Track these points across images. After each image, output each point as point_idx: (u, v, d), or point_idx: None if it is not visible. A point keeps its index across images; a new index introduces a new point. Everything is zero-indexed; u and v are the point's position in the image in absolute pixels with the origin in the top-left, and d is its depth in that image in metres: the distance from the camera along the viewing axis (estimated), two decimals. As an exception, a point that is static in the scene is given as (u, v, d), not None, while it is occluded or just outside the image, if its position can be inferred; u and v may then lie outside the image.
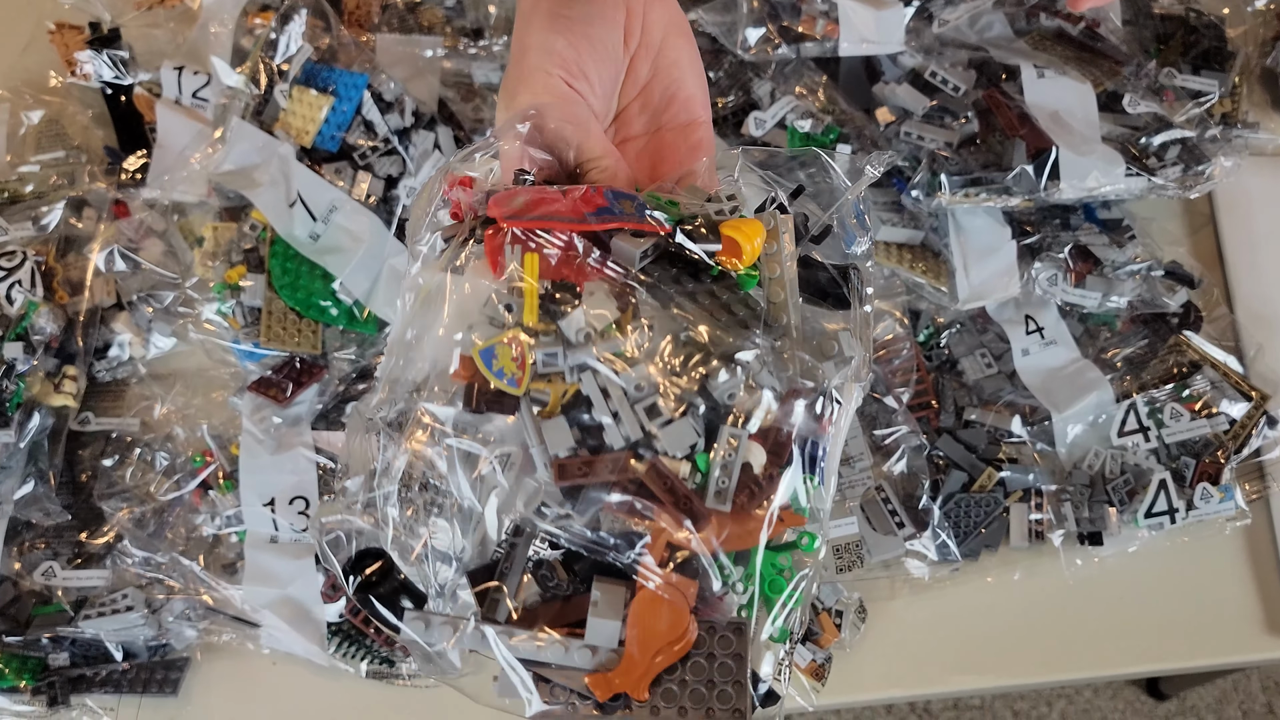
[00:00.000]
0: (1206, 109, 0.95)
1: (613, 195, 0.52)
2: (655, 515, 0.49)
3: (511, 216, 0.50)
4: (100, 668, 0.82)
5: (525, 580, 0.53)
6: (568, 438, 0.49)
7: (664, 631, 0.50)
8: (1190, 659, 0.85)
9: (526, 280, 0.50)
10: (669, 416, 0.49)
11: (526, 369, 0.49)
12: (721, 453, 0.50)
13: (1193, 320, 0.92)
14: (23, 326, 0.86)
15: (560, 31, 0.58)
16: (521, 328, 0.50)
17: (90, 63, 0.97)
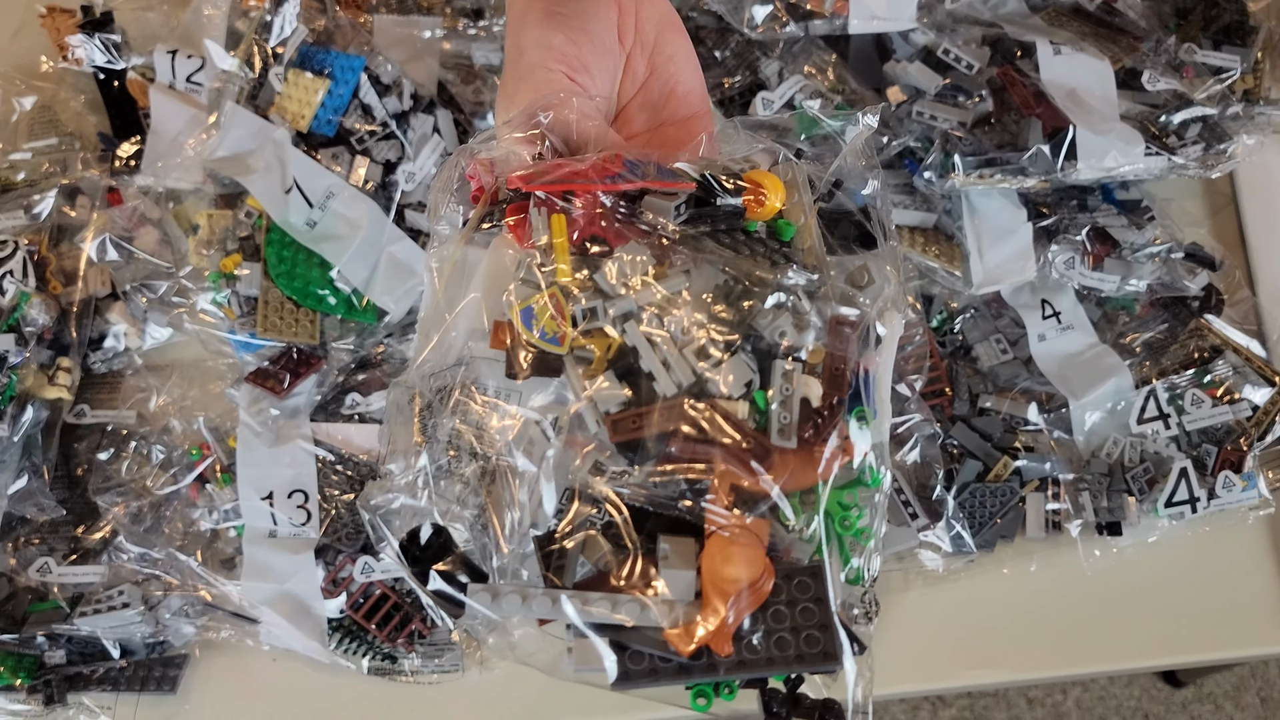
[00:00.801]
0: (1228, 85, 0.93)
1: (631, 161, 0.51)
2: (717, 461, 0.47)
3: (535, 180, 0.49)
4: (97, 665, 0.81)
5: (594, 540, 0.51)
6: (618, 392, 0.48)
7: (741, 576, 0.48)
8: (1212, 652, 0.83)
9: (556, 238, 0.49)
10: (720, 358, 0.48)
11: (568, 325, 0.48)
12: (779, 388, 0.48)
13: (1214, 303, 0.89)
14: (15, 318, 0.84)
15: (557, 28, 0.57)
16: (558, 286, 0.48)
17: (82, 47, 0.96)
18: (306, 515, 0.82)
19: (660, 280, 0.49)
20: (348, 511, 0.83)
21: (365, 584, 0.81)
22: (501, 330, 0.50)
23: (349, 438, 0.86)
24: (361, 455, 0.85)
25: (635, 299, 0.48)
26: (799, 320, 0.49)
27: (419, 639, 0.82)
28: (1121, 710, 1.67)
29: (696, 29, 0.95)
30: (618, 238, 0.50)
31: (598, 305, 0.49)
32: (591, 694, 0.81)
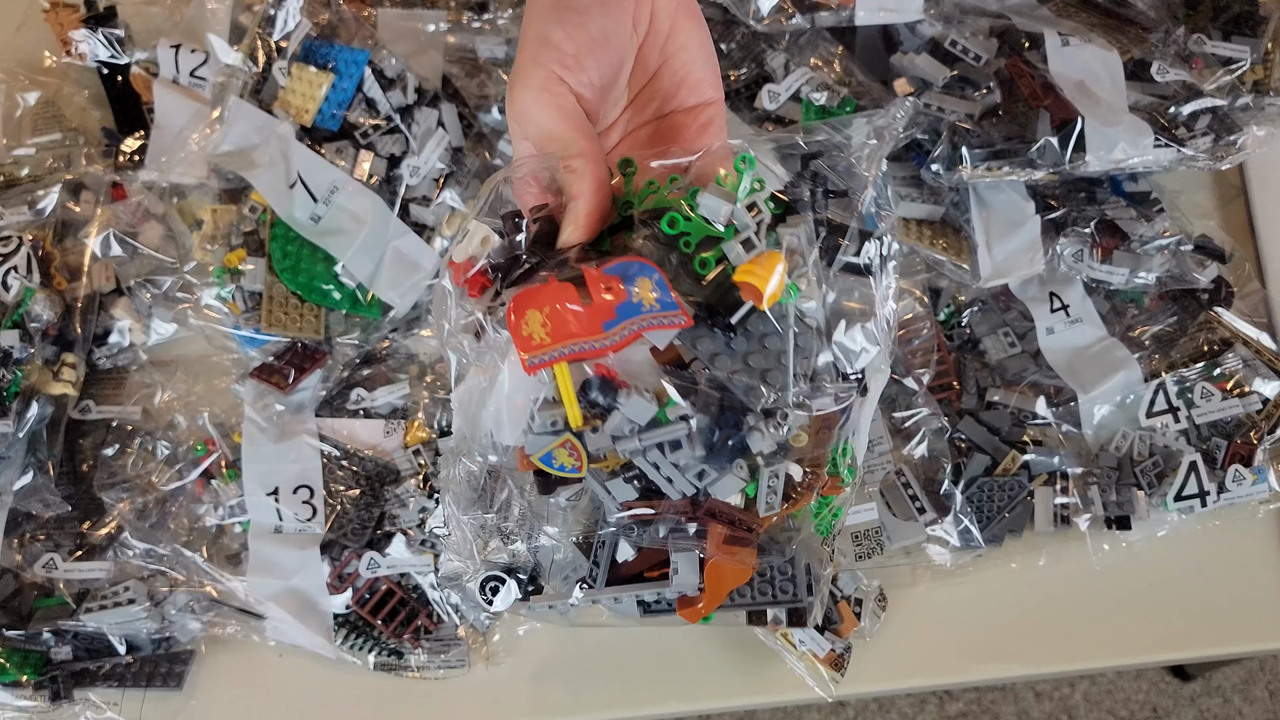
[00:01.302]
0: (1238, 76, 0.92)
1: (630, 271, 0.52)
2: (714, 530, 0.58)
3: (532, 361, 0.52)
4: (103, 661, 0.81)
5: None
6: (630, 490, 0.57)
7: (733, 580, 0.62)
8: (1221, 646, 0.83)
9: (564, 390, 0.53)
10: (715, 476, 0.55)
11: (584, 460, 0.55)
12: (765, 484, 0.56)
13: (1224, 296, 0.89)
14: (19, 314, 0.84)
15: (559, 22, 0.57)
16: (570, 431, 0.54)
17: (85, 42, 0.95)
18: (312, 511, 0.82)
19: (661, 428, 0.54)
20: (353, 507, 0.82)
21: (371, 580, 0.81)
22: (524, 461, 0.57)
23: (354, 433, 0.86)
24: (366, 450, 0.85)
25: (639, 442, 0.54)
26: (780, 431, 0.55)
27: (425, 635, 0.82)
28: (1130, 704, 1.66)
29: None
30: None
31: (604, 450, 0.55)
32: (596, 689, 0.81)
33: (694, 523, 0.58)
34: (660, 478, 0.55)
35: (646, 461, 0.54)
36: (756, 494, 0.57)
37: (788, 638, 0.79)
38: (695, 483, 0.55)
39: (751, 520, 0.58)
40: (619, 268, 0.52)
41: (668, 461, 0.54)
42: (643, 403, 0.53)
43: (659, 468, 0.55)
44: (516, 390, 0.55)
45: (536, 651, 0.82)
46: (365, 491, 0.83)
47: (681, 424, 0.53)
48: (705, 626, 0.79)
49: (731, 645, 0.82)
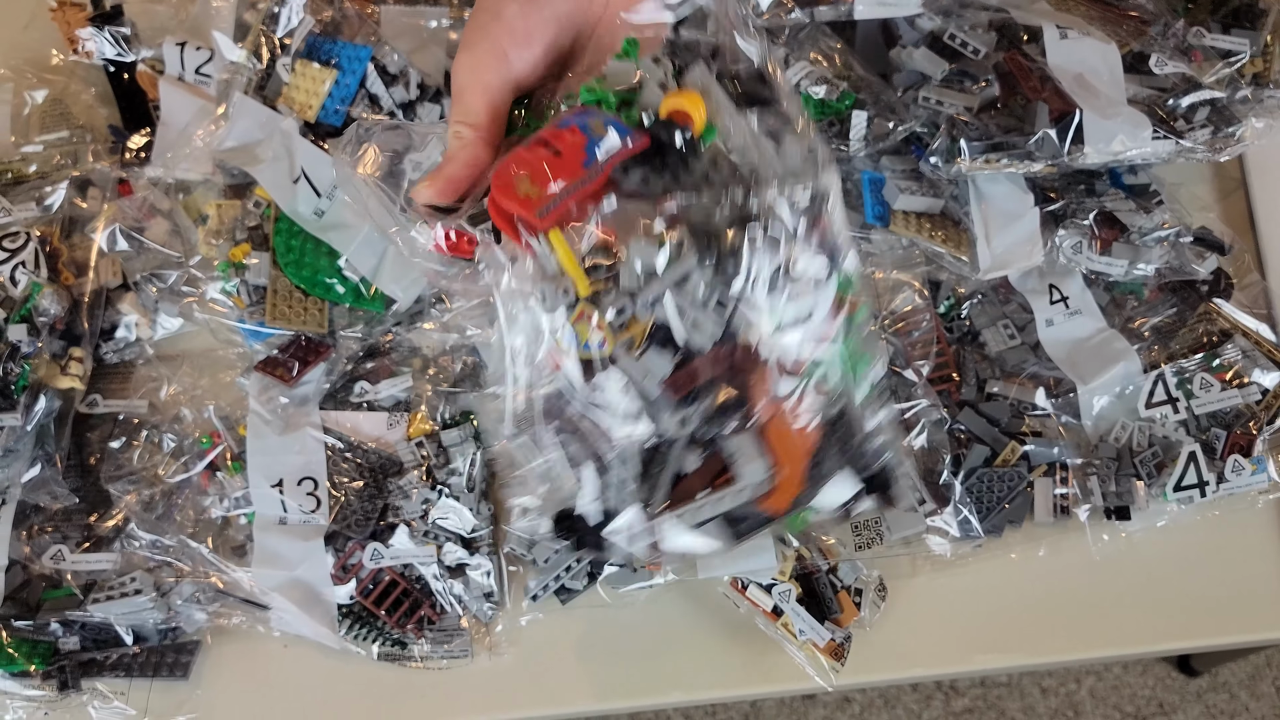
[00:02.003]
0: (1237, 69, 0.92)
1: (579, 119, 0.56)
2: (756, 379, 0.58)
3: (542, 212, 0.54)
4: (110, 651, 0.82)
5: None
6: (665, 362, 0.56)
7: (801, 438, 0.61)
8: (1221, 636, 0.83)
9: (565, 259, 0.54)
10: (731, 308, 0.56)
11: (608, 331, 0.55)
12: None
13: (1223, 287, 0.89)
14: (27, 308, 0.85)
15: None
16: (584, 300, 0.55)
17: (92, 40, 0.96)
18: (316, 502, 0.83)
19: (671, 266, 0.54)
20: (357, 499, 0.83)
21: (375, 570, 0.82)
22: (553, 355, 0.57)
23: (358, 426, 0.86)
24: (370, 443, 0.86)
25: (656, 288, 0.54)
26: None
27: (428, 625, 0.82)
28: (1136, 699, 1.67)
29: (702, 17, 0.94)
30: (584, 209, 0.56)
31: (626, 305, 0.55)
32: (598, 679, 0.82)
33: (737, 378, 0.58)
34: (686, 325, 0.55)
35: (672, 306, 0.55)
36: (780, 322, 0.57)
37: (788, 627, 0.80)
38: (718, 318, 0.55)
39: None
40: (569, 119, 0.56)
41: (687, 303, 0.55)
42: (646, 244, 0.54)
43: (683, 313, 0.55)
44: (519, 295, 0.57)
45: (539, 642, 0.83)
46: (369, 483, 0.84)
47: (688, 256, 0.54)
48: (704, 621, 0.80)
49: (732, 635, 0.82)
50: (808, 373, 0.59)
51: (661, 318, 0.55)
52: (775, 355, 0.58)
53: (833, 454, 0.62)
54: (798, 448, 0.61)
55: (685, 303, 0.55)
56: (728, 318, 0.56)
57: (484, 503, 0.84)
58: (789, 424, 0.60)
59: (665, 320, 0.55)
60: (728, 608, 0.82)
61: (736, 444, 0.60)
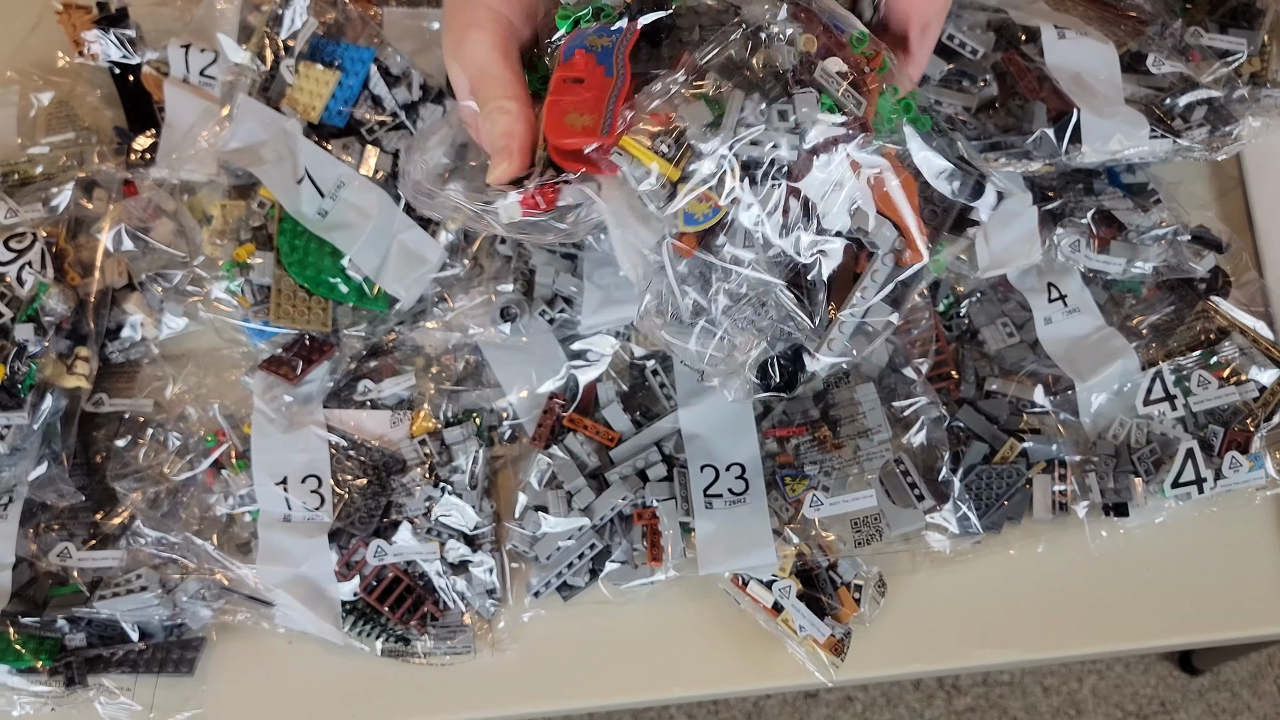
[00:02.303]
0: (1234, 69, 0.93)
1: (578, 43, 0.63)
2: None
3: (604, 130, 0.60)
4: (117, 648, 0.82)
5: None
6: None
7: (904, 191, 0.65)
8: (1219, 632, 0.83)
9: (642, 155, 0.60)
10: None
11: (710, 196, 0.61)
12: (833, 89, 0.63)
13: (1221, 285, 0.89)
14: (34, 308, 0.86)
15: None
16: (679, 182, 0.61)
17: (98, 42, 0.97)
18: (320, 500, 0.84)
19: (726, 108, 0.61)
20: (360, 496, 0.84)
21: (378, 567, 0.82)
22: (686, 240, 0.63)
23: (361, 424, 0.87)
24: (373, 441, 0.86)
25: (725, 135, 0.60)
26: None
27: (431, 621, 0.83)
28: (1138, 698, 1.67)
29: (702, 20, 0.95)
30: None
31: (711, 164, 0.61)
32: (599, 675, 0.82)
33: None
34: (767, 151, 0.61)
35: (747, 141, 0.60)
36: (833, 103, 0.62)
37: (788, 623, 0.80)
38: (790, 127, 0.61)
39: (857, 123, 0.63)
40: (570, 48, 0.62)
41: (760, 133, 0.61)
42: (691, 106, 0.60)
43: (759, 144, 0.60)
44: (621, 213, 0.63)
45: (541, 638, 0.83)
46: (372, 481, 0.85)
47: (731, 95, 0.61)
48: (705, 618, 0.81)
49: (733, 632, 0.83)
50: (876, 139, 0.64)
51: (746, 157, 0.61)
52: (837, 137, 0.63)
53: (929, 192, 0.67)
54: (902, 201, 0.65)
55: (758, 132, 0.60)
56: (795, 124, 0.61)
57: (486, 500, 0.85)
58: (883, 187, 0.64)
59: (753, 157, 0.61)
60: (728, 604, 0.83)
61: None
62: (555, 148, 0.62)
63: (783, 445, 0.85)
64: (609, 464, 0.84)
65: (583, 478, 0.82)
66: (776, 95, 0.62)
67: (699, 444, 0.84)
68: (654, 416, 0.86)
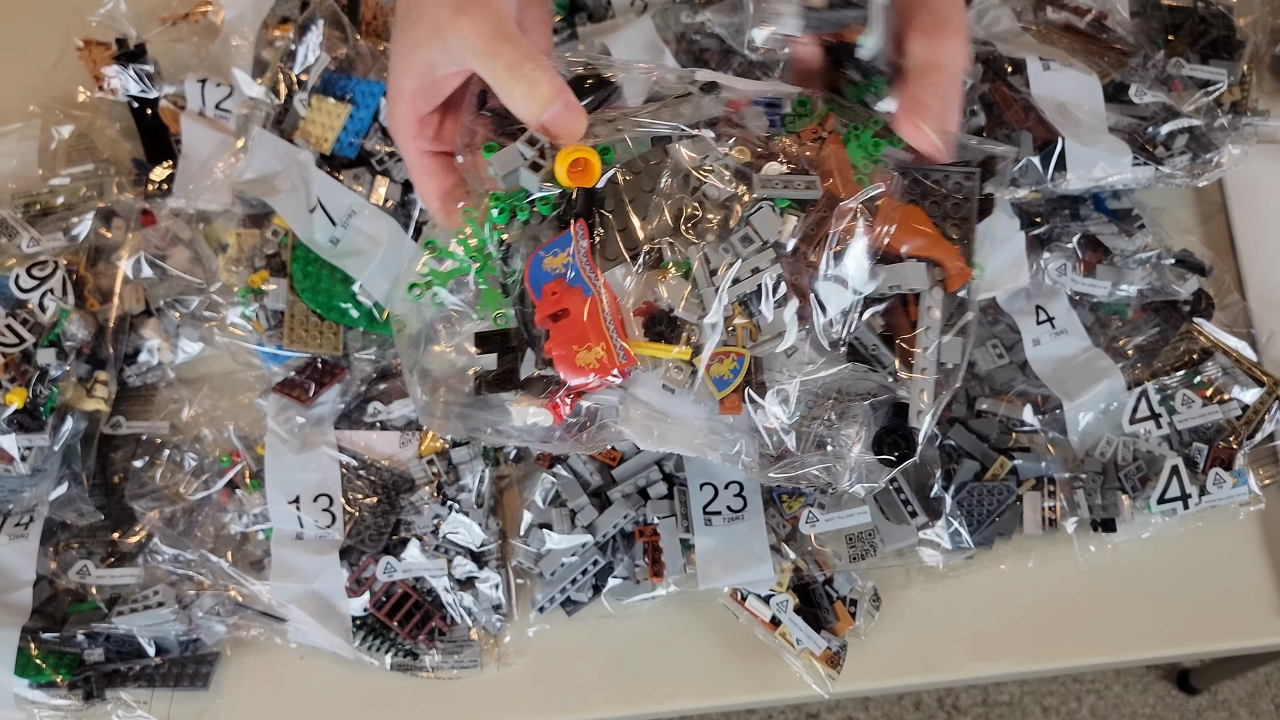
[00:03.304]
0: (1215, 98, 0.96)
1: (539, 274, 0.62)
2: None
3: (619, 357, 0.60)
4: (133, 663, 0.85)
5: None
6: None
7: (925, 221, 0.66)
8: (1206, 644, 0.85)
9: (660, 353, 0.61)
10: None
11: (730, 350, 0.61)
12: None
13: (1204, 307, 0.92)
14: (55, 333, 0.89)
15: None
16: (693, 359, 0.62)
17: (117, 77, 1.00)
18: (331, 518, 0.86)
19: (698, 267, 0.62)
20: (370, 514, 0.86)
21: (387, 583, 0.85)
22: (729, 404, 0.62)
23: (371, 444, 0.90)
24: (383, 460, 0.89)
25: (716, 292, 0.61)
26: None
27: (439, 636, 0.85)
28: (1136, 717, 1.68)
29: (701, 51, 0.98)
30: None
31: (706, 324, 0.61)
32: (602, 687, 0.84)
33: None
34: (751, 280, 0.61)
35: (729, 284, 0.61)
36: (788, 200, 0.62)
37: (786, 637, 0.82)
38: (758, 248, 0.61)
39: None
40: (537, 279, 0.62)
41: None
42: (673, 284, 0.61)
43: (740, 281, 0.61)
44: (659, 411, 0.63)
45: (545, 652, 0.85)
46: (382, 499, 0.87)
47: (693, 252, 0.62)
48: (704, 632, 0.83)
49: (732, 645, 0.85)
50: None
51: (738, 298, 0.61)
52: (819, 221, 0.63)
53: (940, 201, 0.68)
54: (917, 233, 0.65)
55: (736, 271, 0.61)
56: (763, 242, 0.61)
57: (492, 518, 0.87)
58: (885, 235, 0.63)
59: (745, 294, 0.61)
60: (727, 618, 0.85)
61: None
62: (573, 390, 0.62)
63: (780, 464, 0.87)
64: (611, 482, 0.86)
65: (586, 496, 0.84)
66: (731, 228, 0.61)
67: (698, 462, 0.86)
68: (655, 436, 0.88)
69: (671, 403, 0.62)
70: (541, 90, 0.59)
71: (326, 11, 0.96)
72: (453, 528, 0.85)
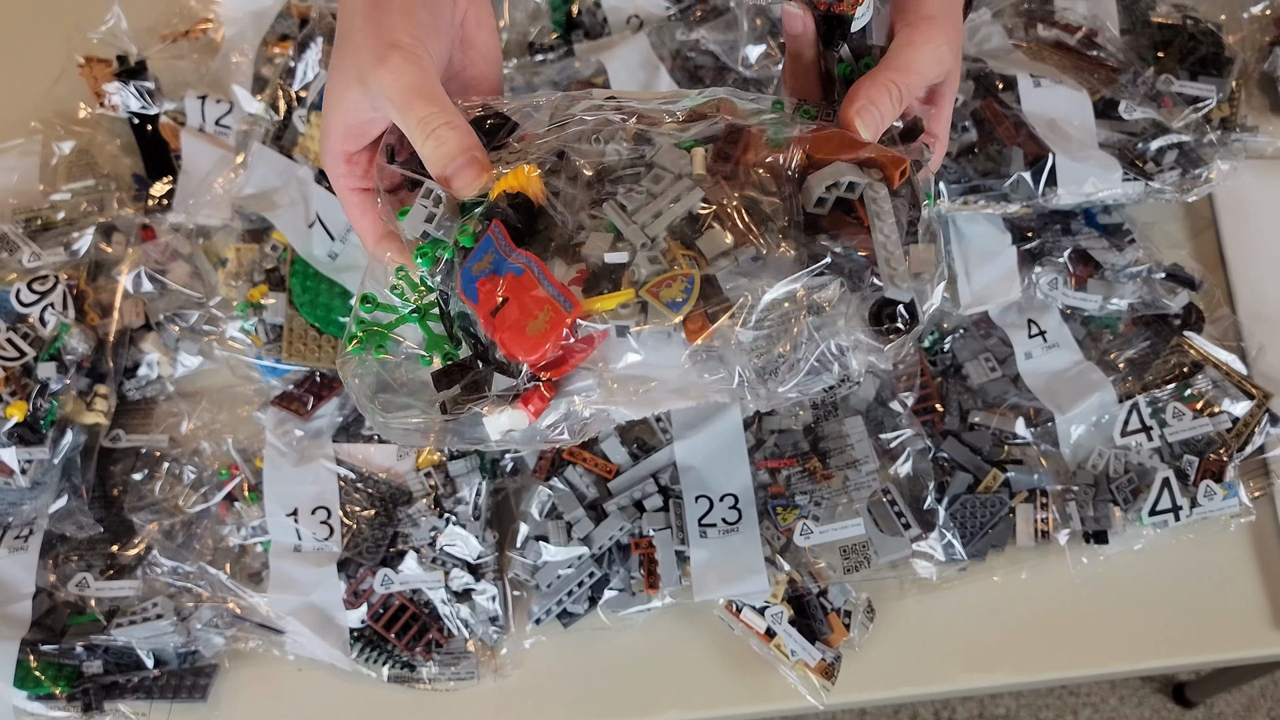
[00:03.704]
0: (1204, 114, 0.97)
1: (470, 278, 0.60)
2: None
3: (568, 310, 0.57)
4: (132, 674, 0.85)
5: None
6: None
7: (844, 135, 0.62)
8: (1197, 654, 0.86)
9: (608, 301, 0.58)
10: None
11: (675, 271, 0.58)
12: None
13: (1194, 321, 0.93)
14: (56, 347, 0.89)
15: (422, 5, 0.64)
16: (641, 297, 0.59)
17: (118, 94, 1.01)
18: (329, 530, 0.87)
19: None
20: (368, 527, 0.87)
21: (385, 595, 0.85)
22: (693, 324, 0.58)
23: (369, 457, 0.90)
24: (380, 473, 0.89)
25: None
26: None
27: (436, 648, 0.86)
28: (1132, 731, 1.68)
29: (695, 68, 1.00)
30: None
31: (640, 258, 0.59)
32: (597, 699, 0.85)
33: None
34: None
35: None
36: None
37: (780, 648, 0.83)
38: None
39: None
40: (466, 291, 0.60)
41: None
42: (599, 238, 0.59)
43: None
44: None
45: (541, 664, 0.86)
46: (379, 512, 0.88)
47: (607, 207, 0.60)
48: (700, 643, 0.83)
49: (727, 656, 0.85)
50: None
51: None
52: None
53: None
54: (844, 147, 0.61)
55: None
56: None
57: (489, 530, 0.88)
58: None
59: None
60: (722, 630, 0.85)
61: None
62: (541, 364, 0.59)
63: (774, 476, 0.88)
64: (607, 495, 0.87)
65: (582, 508, 0.85)
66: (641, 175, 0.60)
67: (694, 475, 0.87)
68: (650, 449, 0.89)
69: (648, 363, 0.60)
70: (447, 148, 0.61)
71: (325, 29, 0.97)
72: (450, 540, 0.86)
